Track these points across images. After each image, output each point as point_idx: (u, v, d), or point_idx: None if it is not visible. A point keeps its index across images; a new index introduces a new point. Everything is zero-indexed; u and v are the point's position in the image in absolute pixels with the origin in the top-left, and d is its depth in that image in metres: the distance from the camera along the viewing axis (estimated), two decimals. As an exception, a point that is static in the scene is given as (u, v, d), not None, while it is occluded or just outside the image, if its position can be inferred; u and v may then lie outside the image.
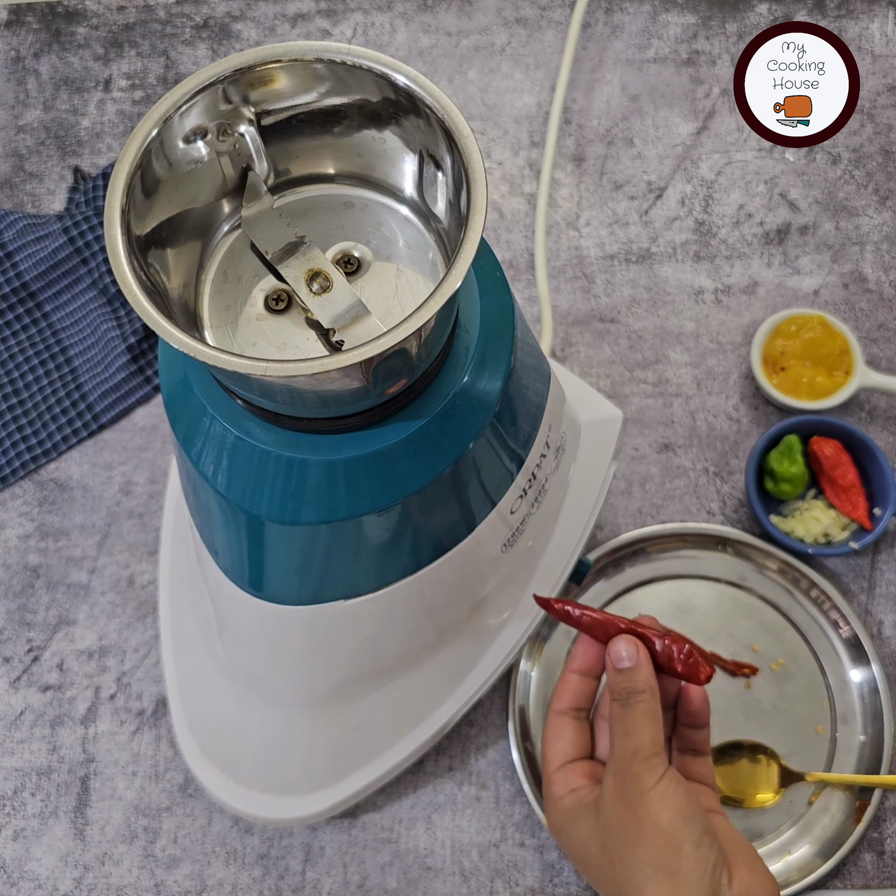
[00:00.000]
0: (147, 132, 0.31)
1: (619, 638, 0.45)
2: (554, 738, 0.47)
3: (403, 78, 0.31)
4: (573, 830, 0.45)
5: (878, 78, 0.75)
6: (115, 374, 0.68)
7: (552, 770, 0.47)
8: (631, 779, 0.42)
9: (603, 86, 0.75)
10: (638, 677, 0.44)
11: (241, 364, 0.28)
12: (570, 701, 0.47)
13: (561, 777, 0.46)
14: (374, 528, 0.38)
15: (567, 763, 0.46)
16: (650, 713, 0.43)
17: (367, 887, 0.58)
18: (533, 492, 0.45)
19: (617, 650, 0.45)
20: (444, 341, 0.34)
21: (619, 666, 0.44)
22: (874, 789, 0.56)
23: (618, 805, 0.42)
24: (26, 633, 0.64)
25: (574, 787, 0.45)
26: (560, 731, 0.47)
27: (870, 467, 0.62)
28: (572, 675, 0.48)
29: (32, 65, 0.79)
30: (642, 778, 0.42)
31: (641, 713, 0.43)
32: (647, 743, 0.43)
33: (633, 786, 0.42)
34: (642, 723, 0.43)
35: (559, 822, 0.46)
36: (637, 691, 0.44)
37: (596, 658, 0.47)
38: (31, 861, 0.59)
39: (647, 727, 0.43)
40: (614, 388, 0.67)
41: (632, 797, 0.42)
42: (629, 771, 0.42)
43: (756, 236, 0.71)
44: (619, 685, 0.44)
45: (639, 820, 0.41)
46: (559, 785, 0.46)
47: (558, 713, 0.48)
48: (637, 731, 0.43)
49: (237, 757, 0.54)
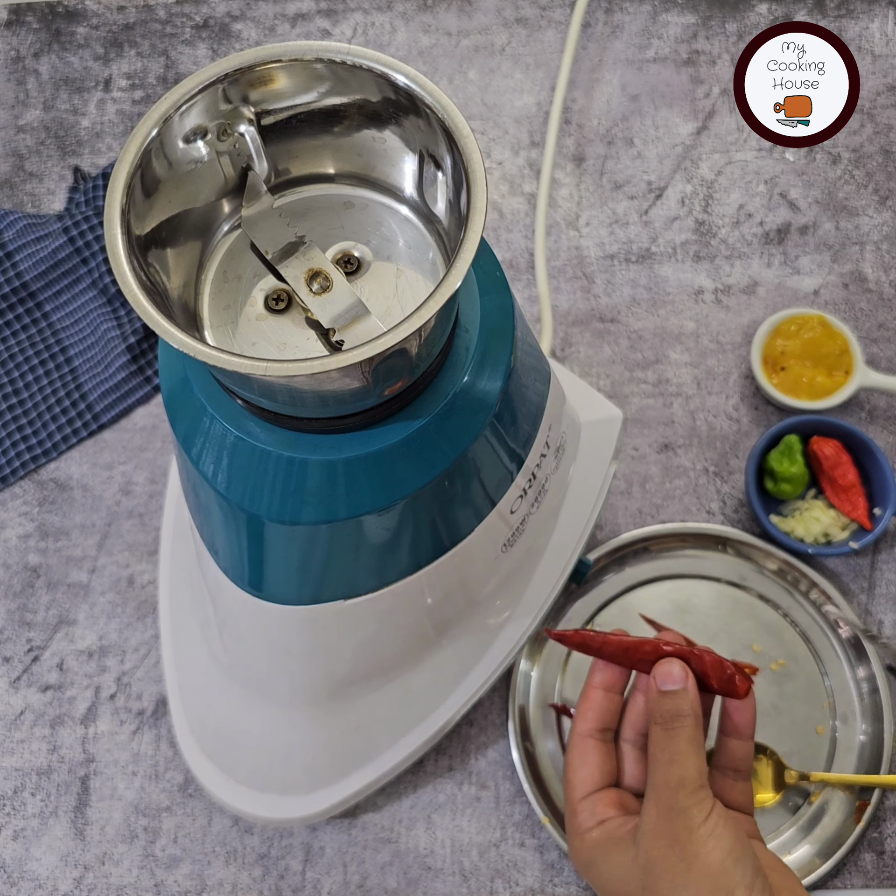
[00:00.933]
0: (147, 132, 0.31)
1: (666, 660, 0.43)
2: (580, 763, 0.44)
3: (403, 78, 0.31)
4: (606, 866, 0.42)
5: (878, 78, 0.75)
6: (115, 374, 0.68)
7: (577, 799, 0.44)
8: (677, 813, 0.40)
9: (603, 86, 0.75)
10: (684, 700, 0.42)
11: (241, 364, 0.28)
12: (595, 721, 0.45)
13: (588, 807, 0.43)
14: (374, 527, 0.38)
15: (594, 792, 0.44)
16: (695, 741, 0.42)
17: (367, 887, 0.58)
18: (533, 492, 0.45)
19: (663, 672, 0.43)
20: (444, 341, 0.34)
21: (665, 688, 0.42)
22: (874, 789, 0.56)
23: (662, 841, 0.40)
24: (26, 633, 0.64)
25: (602, 818, 0.43)
26: (586, 756, 0.44)
27: (870, 467, 0.62)
28: (596, 691, 0.45)
29: (32, 65, 0.79)
30: (690, 813, 0.40)
31: (686, 740, 0.41)
32: (693, 774, 0.41)
33: (680, 821, 0.40)
34: (688, 750, 0.41)
35: (588, 857, 0.43)
36: (682, 715, 0.42)
37: (619, 671, 0.46)
38: (31, 861, 0.59)
39: (692, 756, 0.41)
40: (614, 388, 0.67)
41: (679, 834, 0.39)
42: (675, 804, 0.40)
43: (756, 236, 0.71)
44: (663, 707, 0.42)
45: (687, 859, 0.39)
46: (586, 815, 0.43)
47: (584, 735, 0.45)
48: (682, 760, 0.41)
49: (237, 757, 0.54)
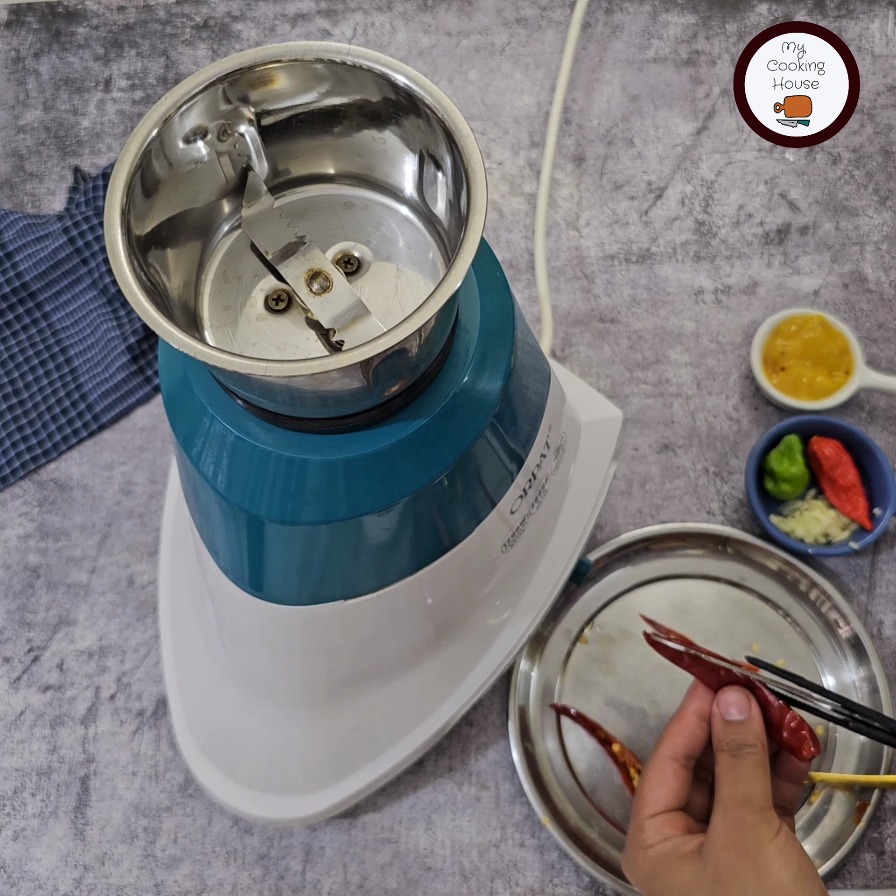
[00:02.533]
0: (147, 132, 0.31)
1: (730, 689, 0.44)
2: (659, 784, 0.45)
3: (403, 78, 0.31)
4: (671, 877, 0.43)
5: (878, 78, 0.75)
6: (115, 374, 0.68)
7: (646, 816, 0.45)
8: (747, 826, 0.41)
9: (603, 86, 0.75)
10: (749, 731, 0.43)
11: (241, 364, 0.28)
12: (684, 747, 0.45)
13: (655, 825, 0.44)
14: (374, 528, 0.38)
15: (663, 812, 0.45)
16: (761, 765, 0.43)
17: (367, 887, 0.58)
18: (533, 492, 0.45)
19: (726, 701, 0.44)
20: (444, 341, 0.34)
21: (729, 718, 0.43)
22: (874, 789, 0.56)
23: (731, 852, 0.41)
24: (26, 633, 0.64)
25: (668, 836, 0.44)
26: (666, 778, 0.45)
27: (870, 467, 0.62)
28: (691, 716, 0.46)
29: (32, 65, 0.79)
30: (760, 829, 0.41)
31: (753, 764, 0.43)
32: (759, 792, 0.42)
33: (750, 834, 0.41)
34: (754, 773, 0.42)
35: (651, 869, 0.44)
36: (748, 745, 0.43)
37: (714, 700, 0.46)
38: (31, 861, 0.59)
39: (759, 778, 0.42)
40: (614, 388, 0.67)
41: (749, 846, 0.41)
42: (744, 818, 0.41)
43: (756, 236, 0.71)
44: (729, 737, 0.43)
45: (759, 871, 0.40)
46: (652, 832, 0.44)
47: (668, 757, 0.45)
48: (749, 780, 0.42)
49: (237, 757, 0.54)
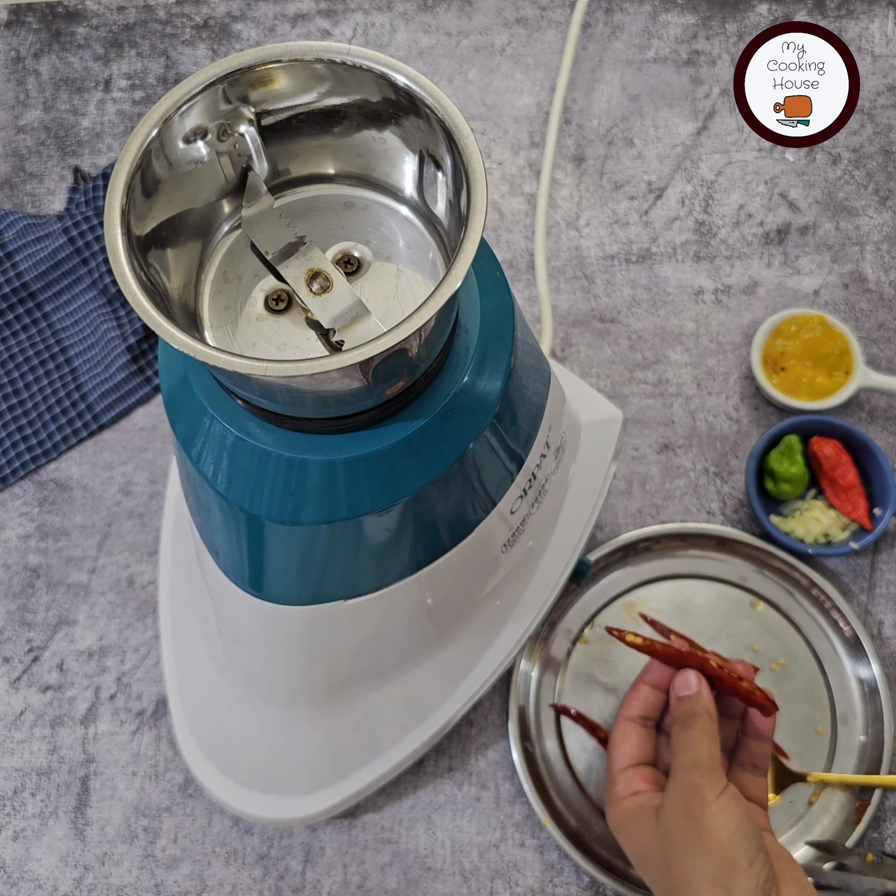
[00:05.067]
0: (147, 132, 0.31)
1: (683, 671, 0.50)
2: (621, 740, 0.50)
3: (403, 78, 0.31)
4: (634, 832, 0.48)
5: (878, 78, 0.75)
6: (115, 374, 0.68)
7: (617, 770, 0.50)
8: (692, 791, 0.45)
9: (603, 86, 0.75)
10: (697, 703, 0.48)
11: (241, 364, 0.28)
12: (639, 709, 0.51)
13: (625, 778, 0.49)
14: (374, 528, 0.38)
15: (631, 766, 0.49)
16: (708, 732, 0.47)
17: (367, 887, 0.58)
18: (533, 492, 0.45)
19: (680, 682, 0.50)
20: (444, 341, 0.34)
21: (682, 694, 0.49)
22: (874, 789, 0.56)
23: (679, 815, 0.45)
24: (26, 633, 0.64)
25: (636, 790, 0.48)
26: (627, 735, 0.51)
27: (870, 467, 0.62)
28: (644, 686, 0.52)
29: (32, 65, 0.79)
30: (704, 791, 0.45)
31: (700, 731, 0.47)
32: (706, 756, 0.46)
33: (695, 798, 0.45)
34: (700, 740, 0.47)
35: (619, 821, 0.49)
36: (695, 713, 0.48)
37: (667, 674, 0.52)
38: (31, 861, 0.59)
39: (705, 743, 0.47)
40: (614, 388, 0.67)
41: (693, 809, 0.45)
42: (691, 782, 0.45)
43: (756, 236, 0.71)
44: (680, 709, 0.49)
45: (699, 832, 0.44)
46: (622, 785, 0.49)
47: (627, 719, 0.51)
48: (695, 746, 0.47)
49: (237, 757, 0.54)
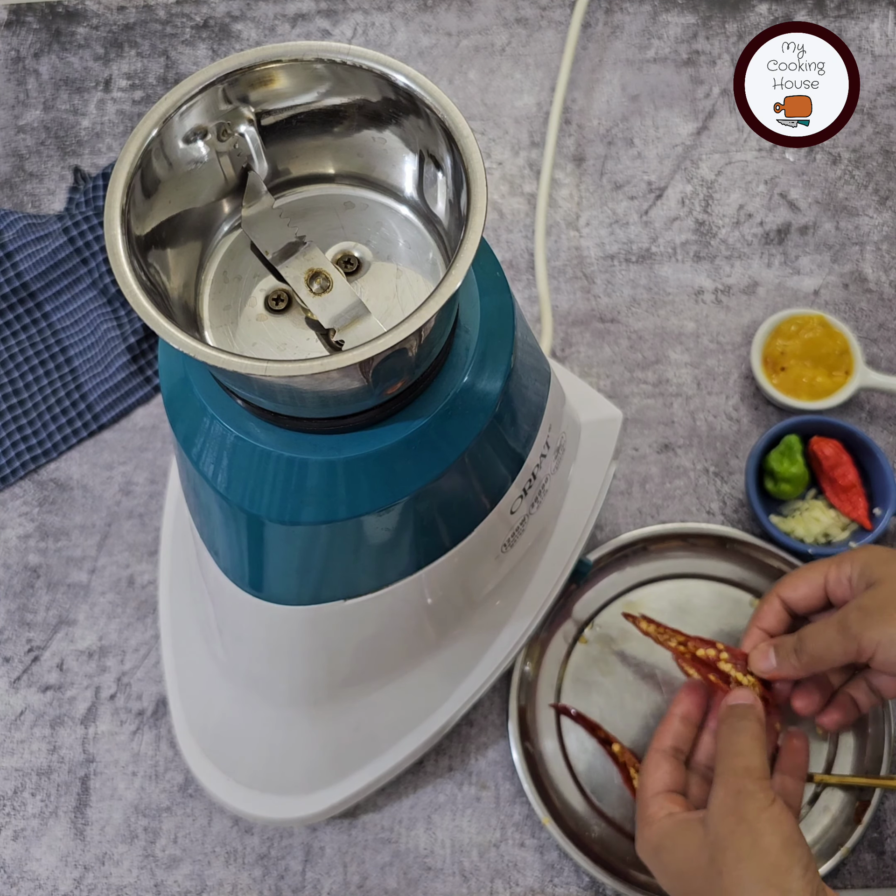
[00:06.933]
0: (147, 132, 0.31)
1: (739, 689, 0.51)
2: (653, 769, 0.50)
3: (403, 78, 0.31)
4: (676, 846, 0.47)
5: (878, 78, 0.75)
6: (115, 374, 0.68)
7: (649, 796, 0.49)
8: (745, 795, 0.45)
9: (603, 86, 0.75)
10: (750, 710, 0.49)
11: (241, 364, 0.28)
12: (671, 741, 0.51)
13: (658, 801, 0.49)
14: (374, 528, 0.38)
15: (664, 791, 0.49)
16: (759, 740, 0.47)
17: (367, 887, 0.58)
18: (533, 492, 0.45)
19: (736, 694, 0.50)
20: (444, 341, 0.34)
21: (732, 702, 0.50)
22: (874, 789, 0.56)
23: (730, 818, 0.45)
24: (26, 633, 0.64)
25: (671, 811, 0.48)
26: (659, 764, 0.50)
27: (870, 467, 0.62)
28: (675, 717, 0.52)
29: (32, 65, 0.79)
30: (758, 797, 0.45)
31: (751, 737, 0.47)
32: (757, 764, 0.46)
33: (749, 802, 0.44)
34: (753, 746, 0.47)
35: (657, 840, 0.48)
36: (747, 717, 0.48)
37: (698, 706, 0.52)
38: (31, 861, 0.59)
39: (757, 751, 0.47)
40: (614, 388, 0.67)
41: (746, 813, 0.44)
42: (743, 787, 0.45)
43: (756, 236, 0.71)
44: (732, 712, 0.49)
45: (753, 835, 0.44)
46: (656, 808, 0.48)
47: (659, 751, 0.51)
48: (748, 752, 0.46)
49: (237, 757, 0.54)
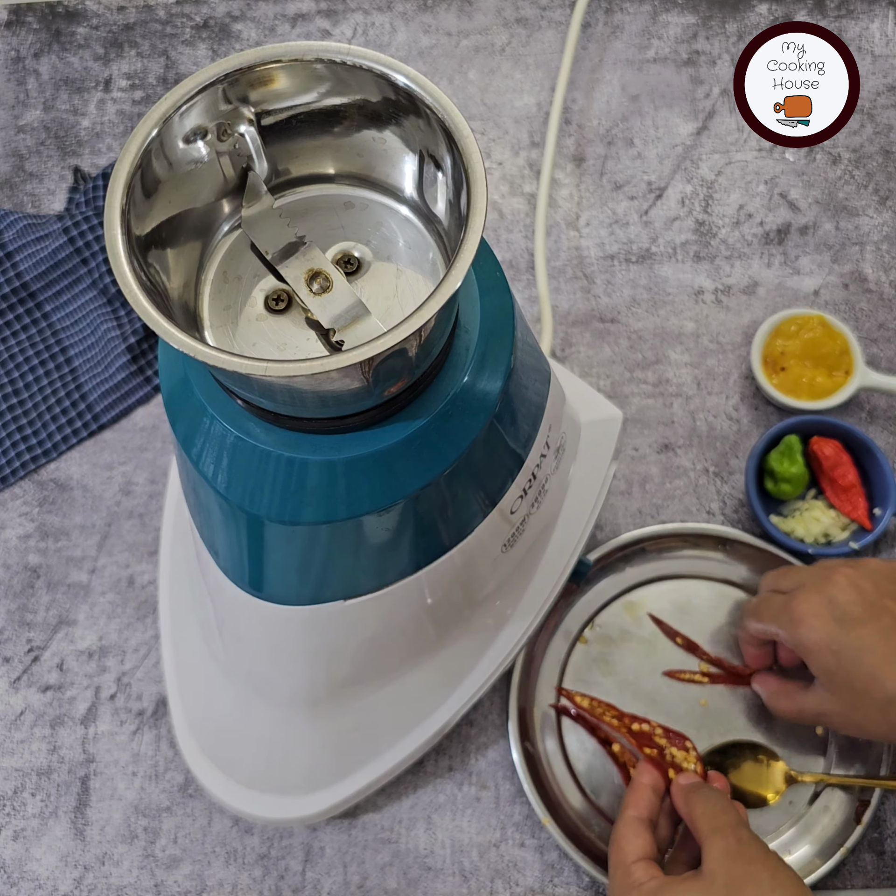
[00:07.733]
0: (147, 132, 0.31)
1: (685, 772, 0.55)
2: (633, 836, 0.52)
3: (403, 78, 0.31)
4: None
5: (878, 78, 0.75)
6: (115, 374, 0.68)
7: (630, 861, 0.51)
8: (747, 841, 0.48)
9: (603, 86, 0.75)
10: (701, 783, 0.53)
11: (241, 364, 0.28)
12: (645, 810, 0.53)
13: (642, 867, 0.50)
14: (374, 528, 0.38)
15: (645, 859, 0.51)
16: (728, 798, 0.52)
17: (367, 887, 0.58)
18: (533, 492, 0.45)
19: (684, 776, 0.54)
20: (444, 341, 0.34)
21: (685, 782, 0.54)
22: (874, 789, 0.56)
23: (739, 861, 0.47)
24: (26, 633, 0.64)
25: (654, 875, 0.50)
26: (638, 832, 0.52)
27: (870, 467, 0.62)
28: (645, 787, 0.54)
29: (32, 65, 0.79)
30: (760, 842, 0.48)
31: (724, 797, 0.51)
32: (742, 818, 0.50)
33: (753, 845, 0.47)
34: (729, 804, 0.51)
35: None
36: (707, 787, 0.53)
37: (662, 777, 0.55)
38: (31, 861, 0.59)
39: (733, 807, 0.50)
40: (614, 388, 0.67)
41: (756, 853, 0.47)
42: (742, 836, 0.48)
43: (756, 236, 0.71)
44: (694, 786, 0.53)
45: (770, 870, 0.46)
46: (640, 873, 0.50)
47: (637, 818, 0.53)
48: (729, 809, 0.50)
49: (237, 757, 0.54)
